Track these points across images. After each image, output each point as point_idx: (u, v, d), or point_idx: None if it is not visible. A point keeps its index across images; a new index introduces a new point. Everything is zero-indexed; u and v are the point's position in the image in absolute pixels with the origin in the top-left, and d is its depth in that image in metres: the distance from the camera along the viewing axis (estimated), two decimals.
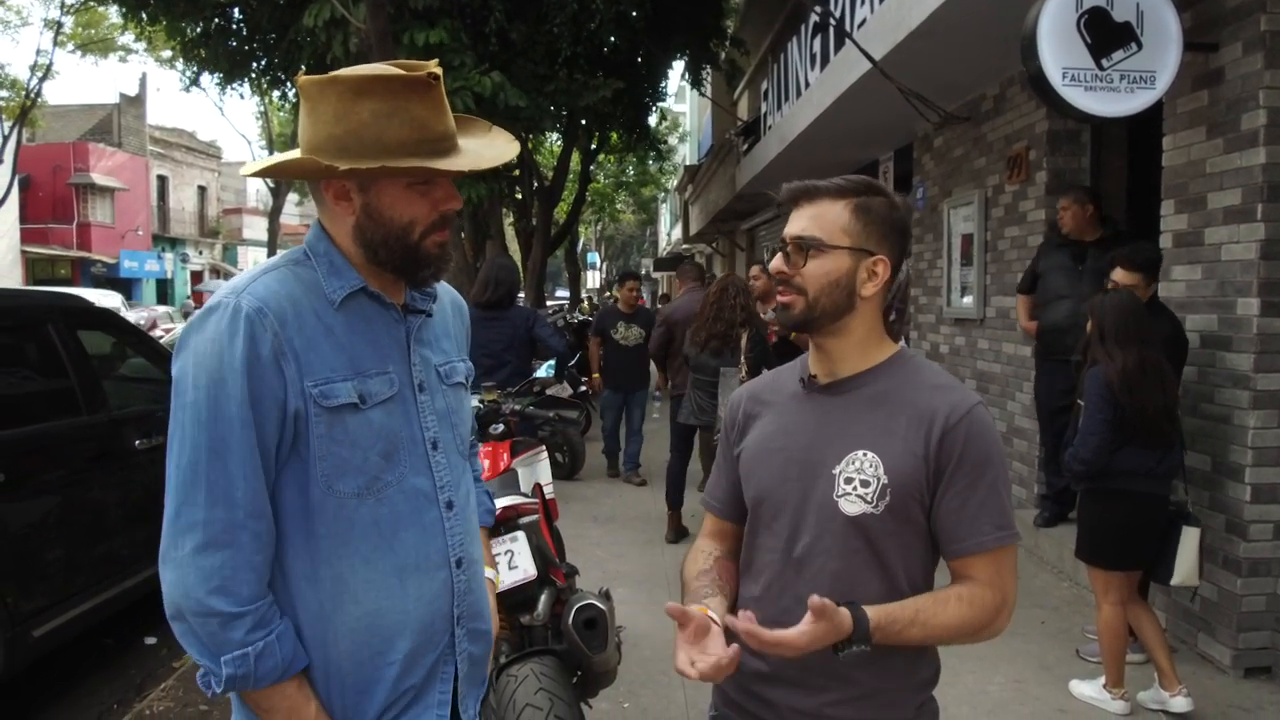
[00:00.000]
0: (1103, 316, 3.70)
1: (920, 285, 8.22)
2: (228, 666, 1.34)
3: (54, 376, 4.24)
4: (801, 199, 1.55)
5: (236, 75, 12.33)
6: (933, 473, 1.47)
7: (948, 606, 1.46)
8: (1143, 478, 3.62)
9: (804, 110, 8.58)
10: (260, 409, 1.37)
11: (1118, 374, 3.56)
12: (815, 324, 1.53)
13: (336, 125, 1.40)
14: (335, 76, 1.41)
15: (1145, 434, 3.58)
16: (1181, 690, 3.66)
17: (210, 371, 1.36)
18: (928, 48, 5.56)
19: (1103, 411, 3.60)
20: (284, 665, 1.39)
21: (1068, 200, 5.24)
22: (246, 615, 1.35)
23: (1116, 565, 3.69)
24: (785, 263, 1.53)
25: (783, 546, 1.55)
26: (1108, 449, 3.60)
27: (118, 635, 4.79)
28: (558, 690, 2.66)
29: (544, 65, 10.29)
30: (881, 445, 1.49)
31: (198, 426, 1.35)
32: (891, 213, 1.54)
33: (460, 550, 1.56)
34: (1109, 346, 3.63)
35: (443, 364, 1.62)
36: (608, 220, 41.29)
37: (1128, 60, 4.05)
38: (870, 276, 1.52)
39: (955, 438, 1.47)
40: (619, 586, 4.79)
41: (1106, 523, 3.70)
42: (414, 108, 1.40)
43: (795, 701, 1.53)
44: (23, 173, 26.60)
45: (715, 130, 19.76)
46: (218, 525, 1.34)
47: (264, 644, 1.36)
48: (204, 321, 1.39)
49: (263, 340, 1.37)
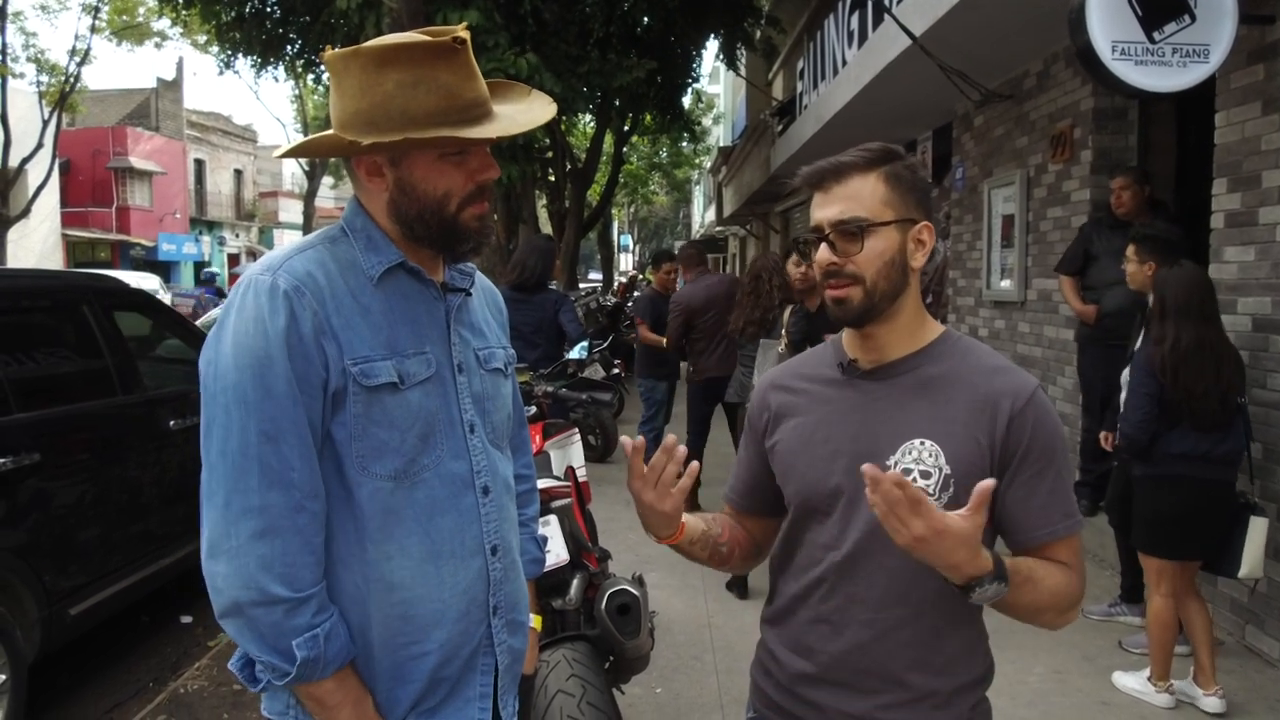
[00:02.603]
0: (1166, 290, 3.56)
1: (959, 267, 8.08)
2: (301, 650, 1.30)
3: (90, 357, 4.26)
4: (828, 180, 1.44)
5: (271, 59, 12.41)
6: (998, 460, 1.40)
7: (1053, 572, 1.39)
8: (1200, 462, 3.49)
9: (841, 89, 8.45)
10: (305, 387, 1.32)
11: (1165, 354, 3.45)
12: (874, 312, 1.43)
13: (362, 99, 1.34)
14: (358, 49, 1.34)
15: (1195, 416, 3.46)
16: (1218, 691, 3.56)
17: (253, 351, 1.30)
18: (970, 22, 5.43)
19: (1145, 386, 3.51)
20: (347, 648, 1.36)
21: (1127, 180, 5.03)
22: (312, 599, 1.31)
23: (1176, 554, 3.56)
24: (833, 252, 1.42)
25: (832, 544, 1.47)
26: (1151, 424, 3.50)
27: (153, 614, 4.84)
28: (590, 676, 2.62)
29: (577, 46, 10.23)
30: (940, 433, 1.40)
31: (244, 409, 1.30)
32: (915, 175, 1.46)
33: (496, 537, 1.51)
34: (1166, 323, 3.50)
35: (482, 348, 1.57)
36: (641, 202, 41.19)
37: (1180, 33, 3.92)
38: (918, 245, 1.44)
39: (1023, 424, 1.39)
40: (651, 571, 4.76)
41: (1165, 510, 3.57)
42: (440, 75, 1.34)
43: (845, 705, 1.46)
44: (63, 157, 26.96)
45: (750, 111, 19.57)
46: (276, 510, 1.29)
47: (330, 625, 1.33)
48: (241, 301, 1.34)
49: (304, 318, 1.32)
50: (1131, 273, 4.04)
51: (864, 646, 1.44)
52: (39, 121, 22.50)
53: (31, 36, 39.70)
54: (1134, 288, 4.08)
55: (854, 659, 1.44)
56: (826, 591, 1.47)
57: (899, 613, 1.42)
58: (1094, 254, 5.25)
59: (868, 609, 1.43)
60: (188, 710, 3.78)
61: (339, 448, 1.37)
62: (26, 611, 3.54)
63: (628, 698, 3.36)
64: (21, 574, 3.53)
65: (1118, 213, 5.10)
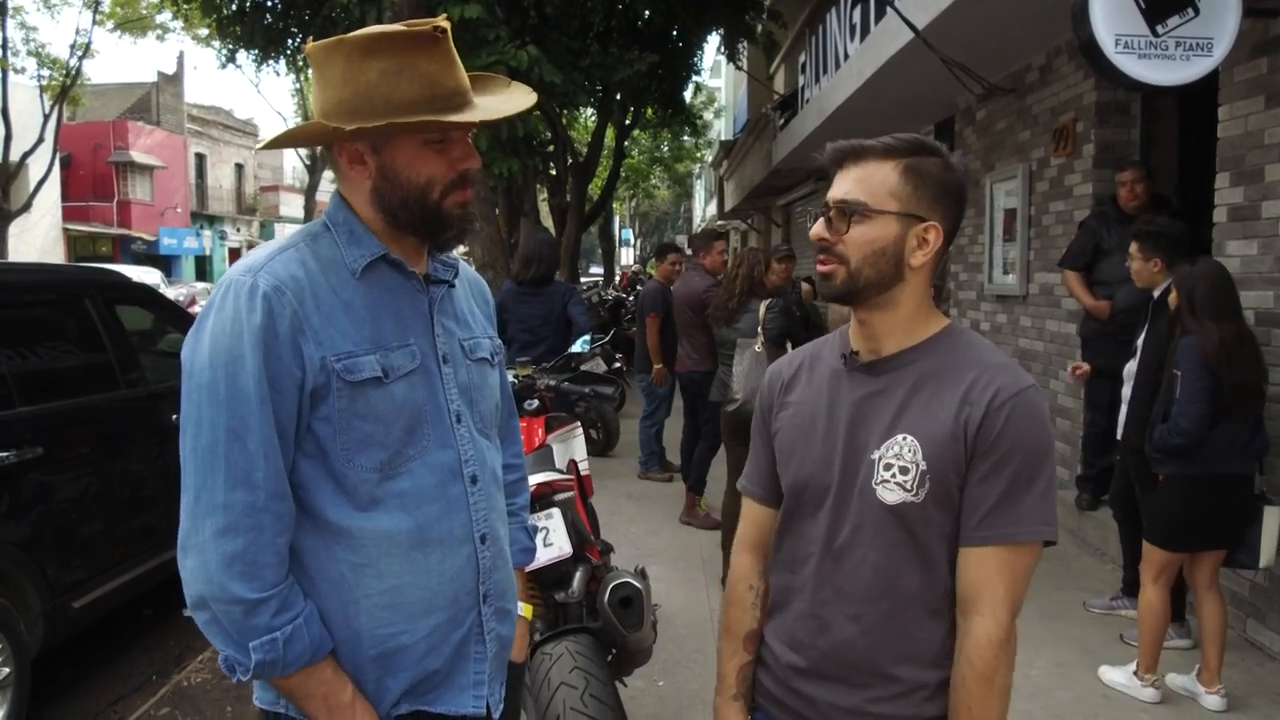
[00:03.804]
0: (1192, 287, 3.52)
1: (960, 261, 8.07)
2: (256, 653, 1.31)
3: (92, 351, 4.27)
4: (847, 160, 1.44)
5: (272, 52, 12.38)
6: (968, 454, 1.37)
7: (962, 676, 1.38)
8: (1236, 456, 3.46)
9: (843, 83, 8.43)
10: (278, 387, 1.33)
11: (1216, 345, 3.39)
12: (858, 295, 1.43)
13: (345, 88, 1.36)
14: (341, 39, 1.36)
15: (1244, 409, 3.43)
16: (1220, 690, 3.56)
17: (227, 350, 1.32)
18: (973, 15, 5.41)
19: (1201, 380, 3.41)
20: (312, 649, 1.36)
21: (1139, 173, 4.98)
22: (270, 600, 1.32)
23: (1195, 548, 3.55)
24: (827, 229, 1.43)
25: (823, 536, 1.47)
26: (1208, 420, 3.42)
27: (156, 607, 4.84)
28: (592, 669, 2.62)
29: (578, 39, 10.20)
30: (923, 429, 1.39)
31: (215, 407, 1.31)
32: (945, 174, 1.42)
33: (485, 525, 1.52)
34: (1200, 318, 3.46)
35: (467, 338, 1.57)
36: (642, 196, 41.11)
37: (1184, 26, 3.90)
38: (921, 245, 1.41)
39: (996, 420, 1.35)
40: (653, 563, 4.77)
41: (1190, 509, 3.51)
42: (422, 64, 1.36)
43: (835, 698, 1.46)
44: (64, 151, 26.94)
45: (751, 105, 19.53)
46: (239, 508, 1.30)
47: (292, 628, 1.33)
48: (221, 301, 1.36)
49: (281, 318, 1.34)
50: (1137, 270, 4.02)
51: (851, 641, 1.44)
52: (40, 116, 22.49)
53: (32, 30, 39.55)
54: (1140, 285, 4.07)
55: (842, 654, 1.44)
56: (816, 584, 1.48)
57: (884, 606, 1.42)
58: (1105, 249, 5.17)
59: (854, 603, 1.44)
60: (191, 703, 3.80)
61: (324, 441, 1.38)
62: (29, 605, 3.55)
63: (630, 690, 3.37)
64: (24, 567, 3.53)
65: (1128, 207, 5.04)
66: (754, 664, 1.60)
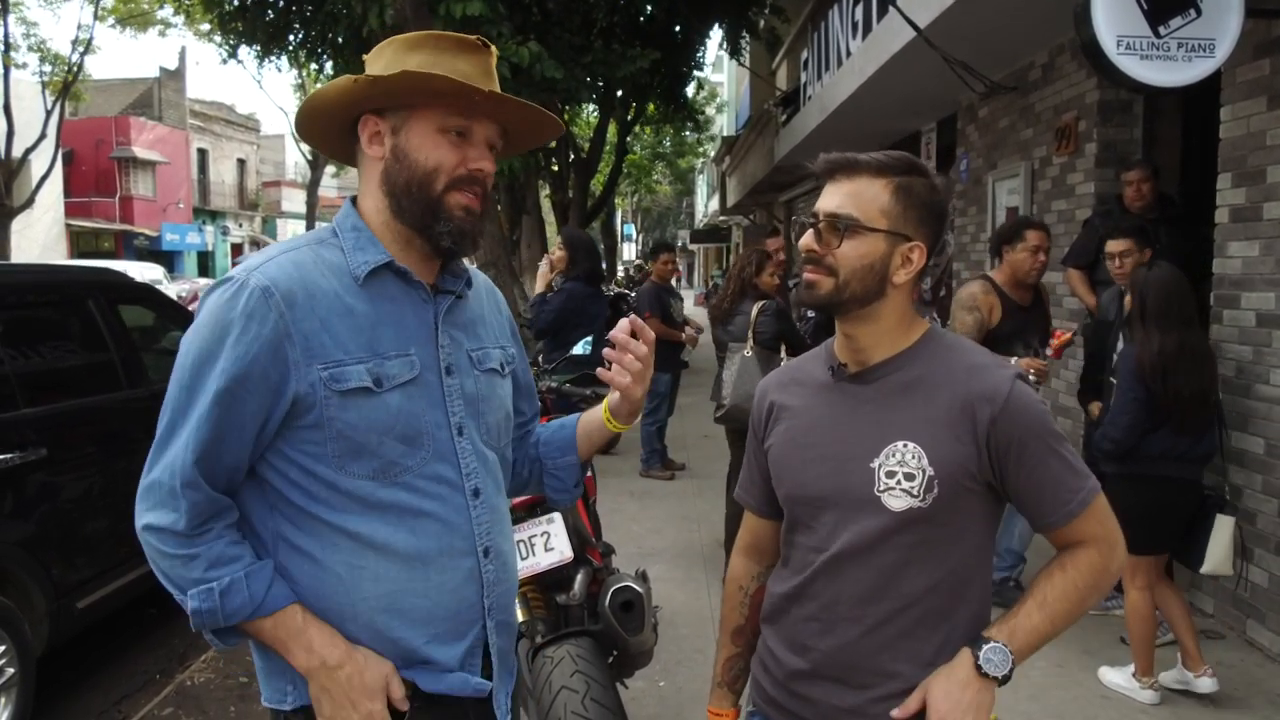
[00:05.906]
0: (1145, 293, 3.53)
1: (963, 260, 8.07)
2: (193, 600, 1.36)
3: (95, 351, 4.28)
4: (839, 172, 1.48)
5: (274, 48, 12.37)
6: (992, 459, 1.42)
7: (1068, 572, 1.46)
8: (1173, 461, 3.50)
9: (845, 80, 8.43)
10: (249, 388, 1.35)
11: (1151, 356, 3.43)
12: (841, 307, 1.47)
13: (384, 71, 1.41)
14: (394, 37, 1.48)
15: (1180, 418, 3.45)
16: (1207, 671, 3.56)
17: (204, 343, 1.36)
18: (975, 14, 5.40)
19: (1133, 390, 3.47)
20: (255, 603, 1.36)
21: (1145, 172, 4.94)
22: (199, 557, 1.36)
23: (1143, 550, 3.55)
24: (816, 240, 1.46)
25: (825, 544, 1.49)
26: (1139, 429, 3.48)
27: (160, 606, 4.86)
28: (593, 672, 2.63)
29: (580, 35, 10.19)
30: (923, 434, 1.42)
31: (180, 391, 1.38)
32: (932, 196, 1.47)
33: (488, 539, 1.51)
34: (1148, 326, 3.49)
35: (475, 348, 1.57)
36: (644, 192, 41.09)
37: (1186, 27, 3.89)
38: (905, 263, 1.46)
39: (1007, 421, 1.41)
40: (655, 563, 4.79)
41: (1134, 508, 3.49)
42: (460, 63, 1.43)
43: (837, 699, 1.49)
44: (66, 147, 26.91)
45: (753, 101, 19.50)
46: (162, 490, 1.37)
47: (230, 580, 1.35)
48: (215, 294, 1.39)
49: (264, 320, 1.35)
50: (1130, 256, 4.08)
51: (854, 642, 1.47)
52: (42, 112, 22.46)
53: (33, 26, 39.56)
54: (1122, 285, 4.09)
55: (845, 655, 1.47)
56: (816, 591, 1.50)
57: (886, 607, 1.45)
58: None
59: (855, 606, 1.47)
60: (195, 702, 3.81)
61: (315, 447, 1.39)
62: (34, 605, 3.57)
63: (631, 690, 3.38)
64: (29, 568, 3.55)
65: (1134, 206, 4.99)
66: (741, 657, 1.70)
